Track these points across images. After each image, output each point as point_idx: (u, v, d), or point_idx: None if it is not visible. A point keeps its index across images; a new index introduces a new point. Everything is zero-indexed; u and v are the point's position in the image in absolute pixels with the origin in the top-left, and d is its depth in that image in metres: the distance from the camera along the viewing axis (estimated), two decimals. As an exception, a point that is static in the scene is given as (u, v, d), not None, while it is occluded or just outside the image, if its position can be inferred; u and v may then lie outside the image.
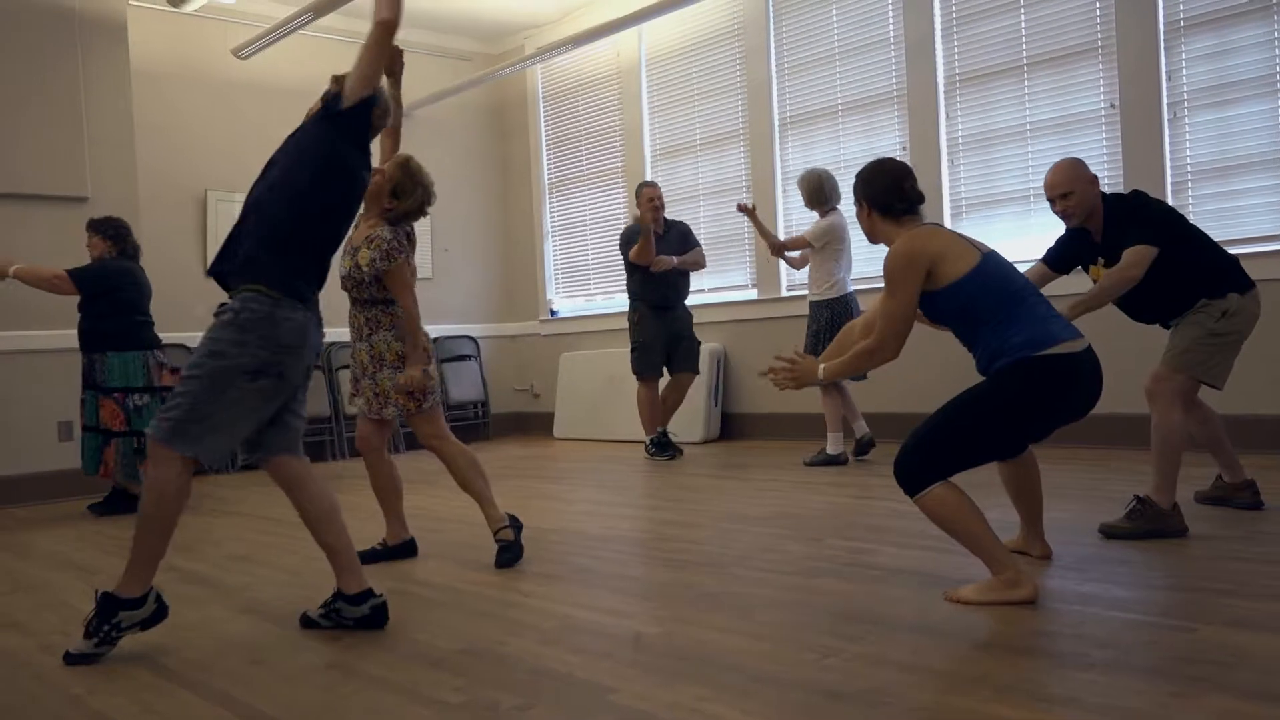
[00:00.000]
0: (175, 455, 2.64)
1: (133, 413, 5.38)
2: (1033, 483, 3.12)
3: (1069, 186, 3.55)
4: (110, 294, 5.34)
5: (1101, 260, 3.61)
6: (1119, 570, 3.00)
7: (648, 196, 6.59)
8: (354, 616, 2.82)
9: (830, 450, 5.71)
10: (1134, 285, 3.44)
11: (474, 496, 3.67)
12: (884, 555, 3.38)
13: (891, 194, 2.88)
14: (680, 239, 6.69)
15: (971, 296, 2.77)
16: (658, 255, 6.48)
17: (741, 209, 6.28)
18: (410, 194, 3.64)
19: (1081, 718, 1.90)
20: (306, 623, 2.89)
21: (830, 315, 5.78)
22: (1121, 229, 3.52)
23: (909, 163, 6.43)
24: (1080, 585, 2.85)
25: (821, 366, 2.94)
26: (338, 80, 2.93)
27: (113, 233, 5.45)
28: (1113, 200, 3.61)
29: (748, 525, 4.07)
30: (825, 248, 5.83)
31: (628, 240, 6.65)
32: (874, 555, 3.39)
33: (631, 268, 6.62)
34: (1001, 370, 2.76)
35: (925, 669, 2.24)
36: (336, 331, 4.51)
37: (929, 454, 2.75)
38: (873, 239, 2.99)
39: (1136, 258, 3.43)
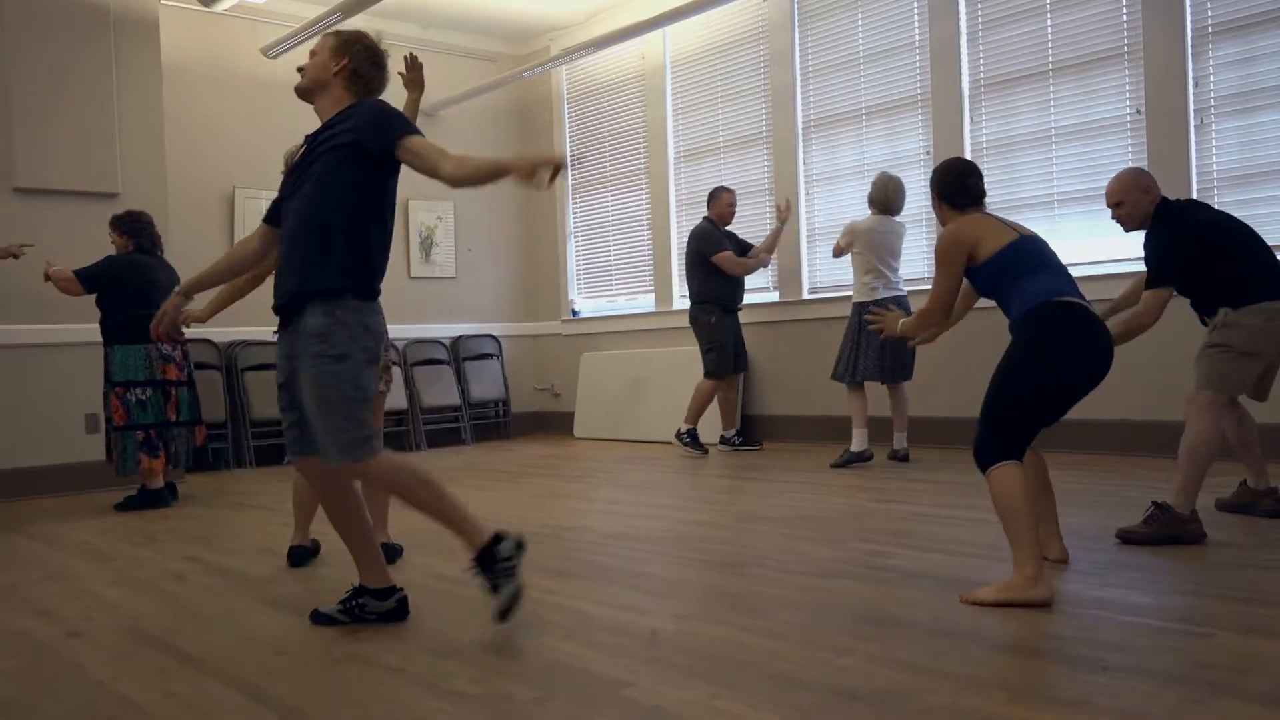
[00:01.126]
0: (348, 465, 2.69)
1: (134, 407, 5.39)
2: (1043, 480, 3.15)
3: (1120, 196, 3.76)
4: (118, 289, 5.39)
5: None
6: (1136, 575, 3.00)
7: (727, 201, 6.84)
8: (379, 611, 2.86)
9: (855, 448, 5.71)
10: (1148, 329, 3.58)
11: None
12: (902, 558, 3.39)
13: (956, 189, 3.21)
14: (735, 242, 6.92)
15: (1003, 267, 3.01)
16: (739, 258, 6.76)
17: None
18: None
19: (1093, 720, 1.91)
20: (319, 618, 2.90)
21: (859, 318, 5.77)
22: (1147, 249, 3.69)
23: (930, 169, 6.46)
24: (1096, 590, 2.85)
25: (900, 322, 3.48)
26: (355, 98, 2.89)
27: (128, 227, 5.51)
28: (1158, 212, 3.72)
29: (767, 526, 4.09)
30: (848, 248, 5.88)
31: (705, 240, 6.73)
32: (892, 558, 3.40)
33: (710, 269, 6.68)
34: (1022, 319, 2.94)
35: (939, 670, 2.25)
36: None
37: (990, 430, 2.87)
38: (943, 224, 3.28)
39: (1147, 306, 3.59)
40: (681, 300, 8.09)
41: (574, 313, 9.13)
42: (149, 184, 6.53)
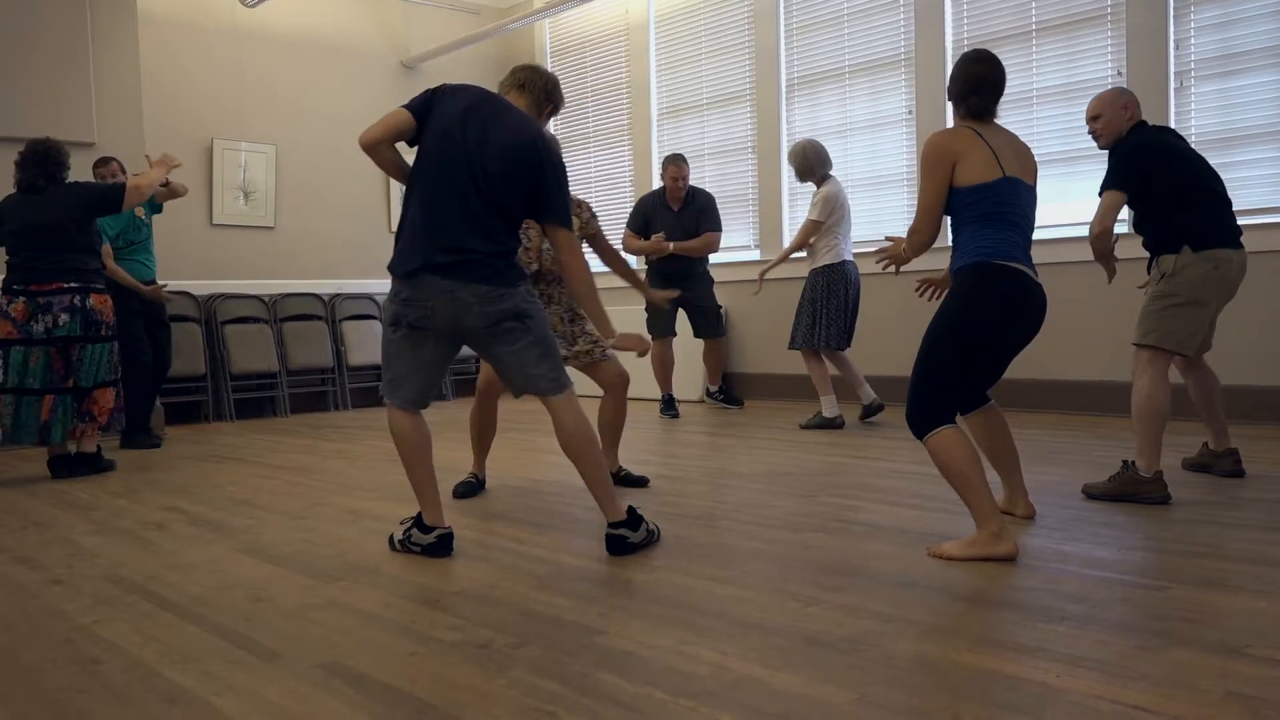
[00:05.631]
0: (389, 406, 3.12)
1: None
2: (1004, 437, 3.20)
3: (1099, 110, 3.72)
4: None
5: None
6: (1100, 531, 3.07)
7: (671, 175, 6.56)
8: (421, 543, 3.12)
9: (826, 414, 5.77)
10: (1106, 232, 3.55)
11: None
12: (872, 512, 3.45)
13: (963, 89, 2.99)
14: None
15: (972, 203, 2.90)
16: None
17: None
18: None
19: (1048, 667, 1.97)
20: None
21: (827, 283, 5.80)
22: (1110, 159, 3.65)
23: (913, 129, 6.45)
24: (1061, 544, 2.92)
25: (904, 247, 3.16)
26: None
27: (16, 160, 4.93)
28: (1132, 129, 3.69)
29: (741, 481, 4.15)
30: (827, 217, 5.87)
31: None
32: (862, 512, 3.46)
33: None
34: (960, 271, 2.91)
35: (904, 619, 2.31)
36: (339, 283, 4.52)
37: (924, 392, 2.87)
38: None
39: (1099, 209, 3.55)
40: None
41: (556, 269, 9.11)
42: (125, 134, 6.47)
